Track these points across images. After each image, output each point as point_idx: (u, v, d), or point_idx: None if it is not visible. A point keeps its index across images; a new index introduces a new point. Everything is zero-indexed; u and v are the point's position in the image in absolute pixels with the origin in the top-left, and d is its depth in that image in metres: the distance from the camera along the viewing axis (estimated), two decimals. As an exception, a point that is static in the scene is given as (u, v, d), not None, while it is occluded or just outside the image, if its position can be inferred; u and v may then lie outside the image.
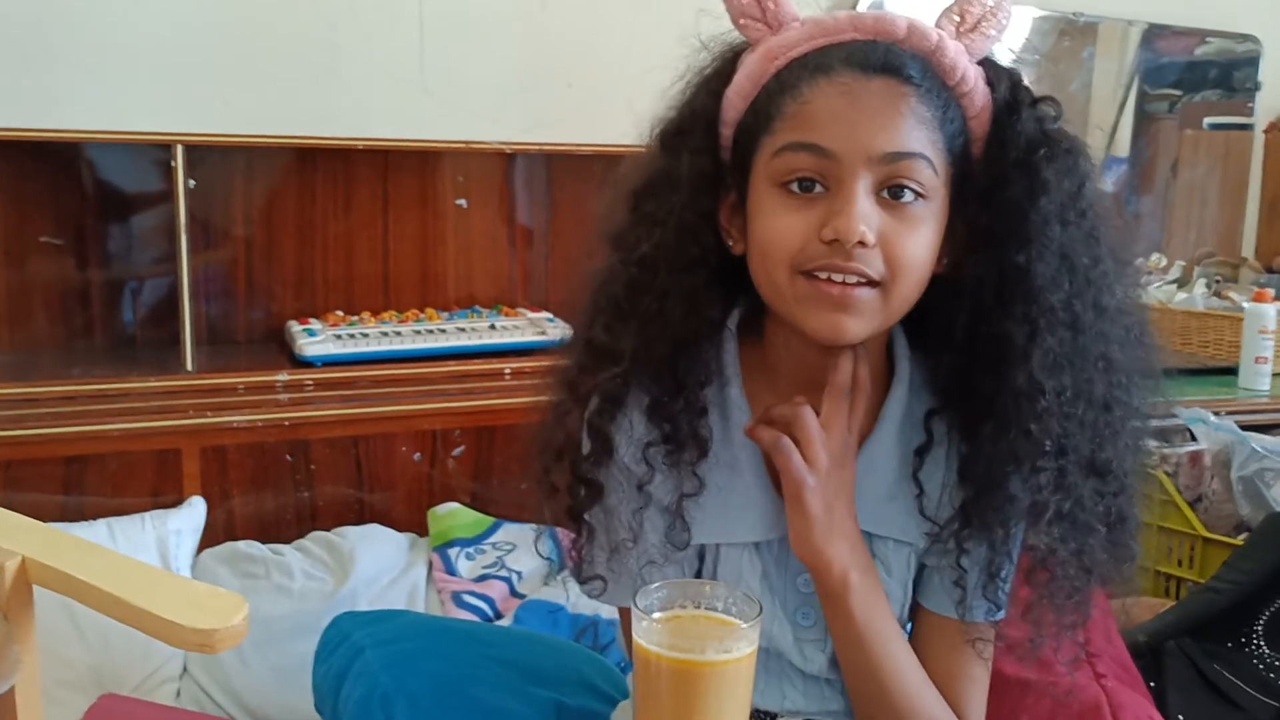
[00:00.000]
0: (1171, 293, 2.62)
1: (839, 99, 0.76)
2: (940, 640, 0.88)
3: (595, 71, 2.13)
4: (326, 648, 1.07)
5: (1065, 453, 0.78)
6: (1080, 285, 0.78)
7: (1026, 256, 0.77)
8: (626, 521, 0.84)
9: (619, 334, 0.82)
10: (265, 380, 1.76)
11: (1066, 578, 0.81)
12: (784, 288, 0.78)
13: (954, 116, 0.78)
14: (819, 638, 0.88)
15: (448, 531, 1.69)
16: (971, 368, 0.80)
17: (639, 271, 0.82)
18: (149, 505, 1.59)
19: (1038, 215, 0.77)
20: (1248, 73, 2.91)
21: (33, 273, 1.87)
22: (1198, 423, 1.70)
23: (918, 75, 0.76)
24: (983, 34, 0.80)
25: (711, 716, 0.69)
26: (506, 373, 1.88)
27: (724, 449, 0.85)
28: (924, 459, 0.85)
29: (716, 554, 0.87)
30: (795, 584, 0.88)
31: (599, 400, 0.82)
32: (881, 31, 0.78)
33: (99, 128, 1.80)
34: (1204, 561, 1.61)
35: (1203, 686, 1.25)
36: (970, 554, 0.83)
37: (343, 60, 1.99)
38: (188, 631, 0.70)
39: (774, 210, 0.78)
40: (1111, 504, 0.81)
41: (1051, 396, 0.77)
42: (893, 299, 0.78)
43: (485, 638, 1.10)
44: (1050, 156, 0.78)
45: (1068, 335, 0.78)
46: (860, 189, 0.75)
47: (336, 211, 2.04)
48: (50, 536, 0.78)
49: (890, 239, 0.76)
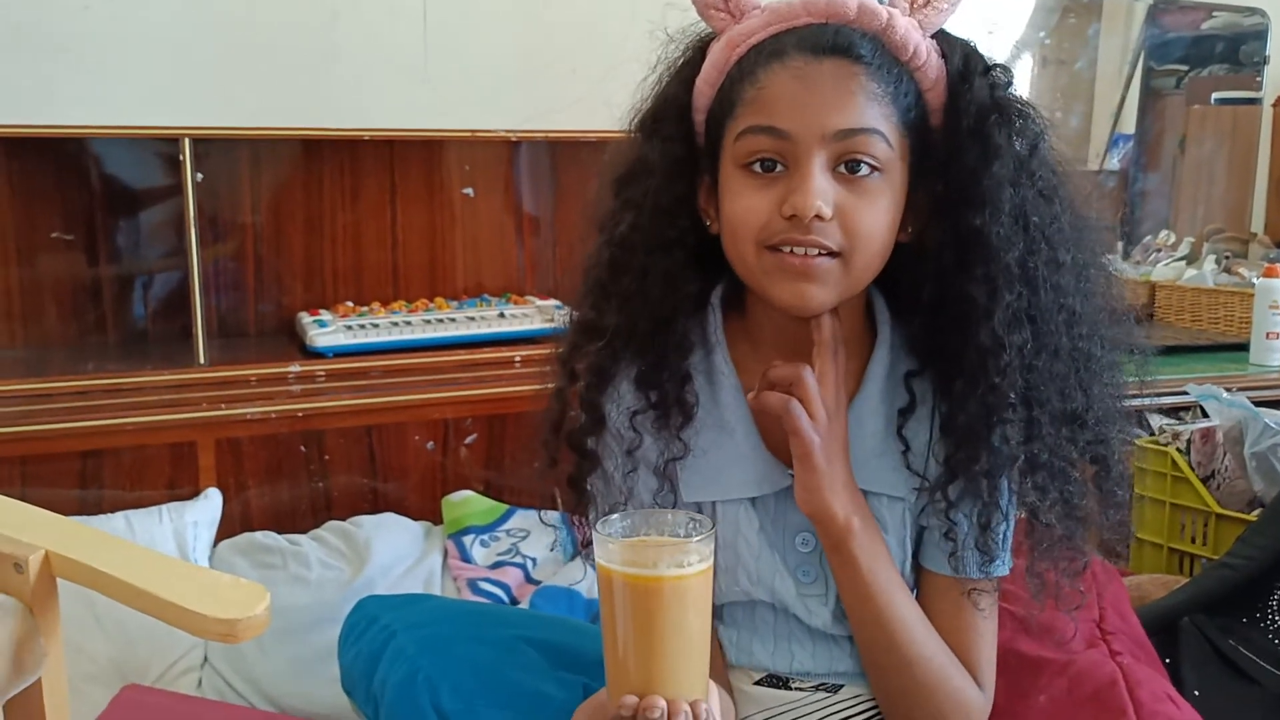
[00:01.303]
0: (1181, 269, 2.61)
1: (792, 82, 0.80)
2: (941, 597, 0.91)
3: (598, 57, 2.12)
4: (354, 630, 1.09)
5: (1033, 404, 0.82)
6: (1035, 243, 0.82)
7: (981, 219, 0.81)
8: (619, 486, 0.89)
9: (604, 312, 0.88)
10: (277, 372, 1.77)
11: (1054, 525, 0.85)
12: (751, 262, 0.83)
13: (907, 90, 0.82)
14: (821, 592, 0.90)
15: (462, 519, 1.70)
16: (940, 328, 0.85)
17: (620, 252, 0.88)
18: (165, 498, 1.60)
19: (990, 180, 0.81)
20: (1255, 47, 2.89)
21: (44, 269, 1.88)
22: (1210, 399, 1.70)
23: (868, 54, 0.80)
24: (935, 8, 0.83)
25: (670, 631, 0.72)
26: (517, 360, 1.88)
27: (711, 412, 0.90)
28: (907, 418, 0.88)
29: (713, 511, 0.90)
30: (794, 543, 0.90)
31: (589, 374, 0.88)
32: (833, 14, 0.82)
33: (106, 123, 1.80)
34: (1217, 538, 1.61)
35: (1218, 662, 1.26)
36: (958, 506, 0.86)
37: (348, 51, 1.99)
38: (211, 621, 0.71)
39: (739, 191, 0.83)
40: (1089, 450, 0.85)
41: (1014, 351, 0.81)
42: (853, 268, 0.82)
43: (513, 620, 1.14)
44: (1001, 122, 0.82)
45: (1025, 291, 0.81)
46: (815, 166, 0.79)
47: (344, 202, 2.04)
48: (72, 530, 0.78)
49: (847, 211, 0.80)
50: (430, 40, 2.04)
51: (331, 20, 1.97)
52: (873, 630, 0.87)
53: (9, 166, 1.84)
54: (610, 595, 0.73)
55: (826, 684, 0.93)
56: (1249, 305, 2.21)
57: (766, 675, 0.93)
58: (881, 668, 0.89)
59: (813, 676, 0.93)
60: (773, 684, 0.93)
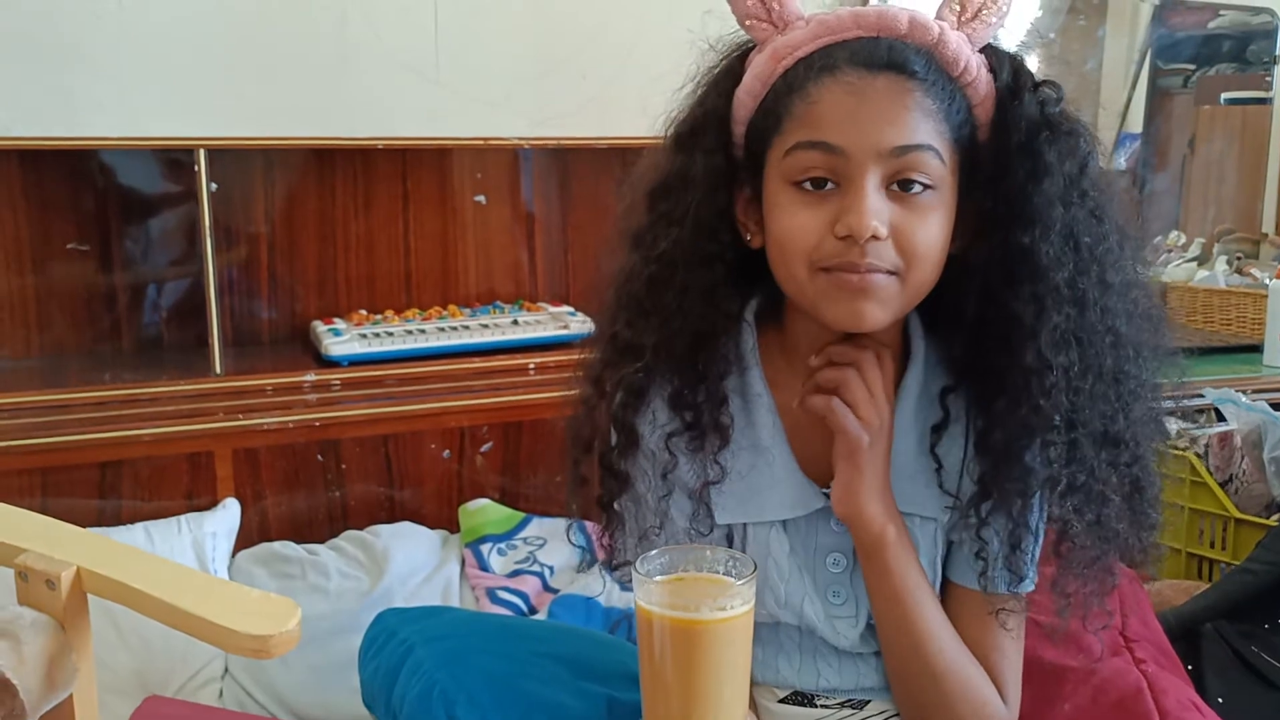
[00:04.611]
0: (1192, 270, 2.61)
1: (846, 97, 0.78)
2: (968, 613, 0.90)
3: (609, 62, 2.12)
4: (374, 645, 1.08)
5: (1076, 426, 0.81)
6: (1085, 263, 0.80)
7: (1031, 237, 0.79)
8: (654, 509, 0.87)
9: (641, 330, 0.86)
10: (293, 381, 1.77)
11: (1086, 546, 0.83)
12: (804, 283, 0.81)
13: (959, 106, 0.81)
14: (851, 614, 0.90)
15: (479, 528, 1.70)
16: (983, 345, 0.83)
17: (659, 269, 0.85)
18: (184, 508, 1.61)
19: (1040, 197, 0.79)
20: (1264, 46, 2.88)
21: (59, 278, 1.88)
22: (1227, 403, 1.70)
23: (921, 69, 0.79)
24: (984, 22, 0.82)
25: (710, 673, 0.71)
26: (531, 367, 1.88)
27: (746, 433, 0.88)
28: (941, 435, 0.87)
29: (744, 533, 0.89)
30: (825, 563, 0.90)
31: (623, 394, 0.86)
32: (884, 28, 0.80)
33: (119, 134, 1.80)
34: (1236, 543, 1.61)
35: (1241, 669, 1.25)
36: (990, 526, 0.85)
37: (359, 59, 1.99)
38: (243, 638, 0.71)
39: (788, 208, 0.81)
40: (1126, 474, 0.84)
41: (1059, 372, 0.79)
42: (910, 286, 0.80)
43: (534, 633, 1.12)
44: (1051, 140, 0.81)
45: (1074, 312, 0.80)
46: (870, 184, 0.77)
47: (357, 210, 2.04)
48: (101, 545, 0.78)
49: (902, 230, 0.78)
50: (441, 47, 2.04)
51: (343, 28, 1.98)
52: (902, 639, 0.87)
53: (24, 177, 1.84)
54: (650, 636, 0.72)
55: (853, 700, 0.92)
56: (1261, 306, 2.21)
57: (792, 692, 0.93)
58: (909, 678, 0.88)
59: (839, 693, 0.92)
60: (798, 701, 0.93)
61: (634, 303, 0.87)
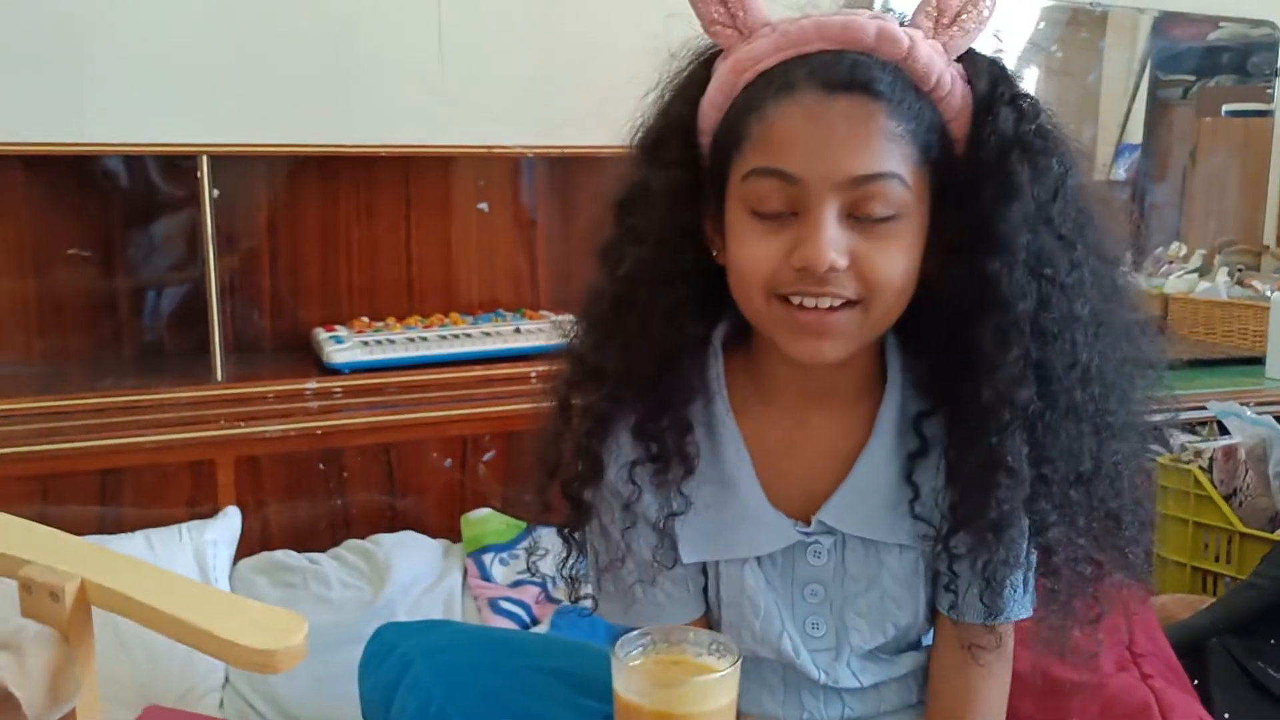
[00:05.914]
0: (1193, 282, 2.61)
1: (802, 122, 0.73)
2: (945, 640, 0.88)
3: (612, 71, 2.12)
4: (373, 659, 1.08)
5: (1041, 463, 0.77)
6: (1052, 295, 0.76)
7: (994, 265, 0.75)
8: (617, 541, 0.84)
9: (605, 353, 0.81)
10: (295, 389, 1.76)
11: (1071, 577, 0.80)
12: (762, 312, 0.77)
13: (929, 125, 0.75)
14: (830, 646, 0.87)
15: (481, 537, 1.69)
16: (952, 373, 0.79)
17: (623, 288, 0.81)
18: (185, 516, 1.60)
19: (1005, 223, 0.75)
20: (1265, 58, 2.89)
21: (61, 284, 1.88)
22: (1231, 416, 1.69)
23: (887, 88, 0.73)
24: (962, 28, 0.76)
25: None
26: (533, 376, 1.86)
27: (712, 464, 0.84)
28: (917, 462, 0.83)
29: (717, 569, 0.87)
30: (803, 595, 0.87)
31: (589, 421, 0.82)
32: (849, 40, 0.75)
33: (122, 140, 1.80)
34: (1241, 557, 1.61)
35: (1247, 684, 1.25)
36: (963, 558, 0.82)
37: (363, 67, 1.99)
38: (249, 652, 0.71)
39: (745, 235, 0.77)
40: (1101, 509, 0.80)
41: (1018, 409, 0.75)
42: (872, 315, 0.76)
43: (533, 647, 1.11)
44: (1023, 158, 0.75)
45: (1035, 346, 0.75)
46: (828, 215, 0.73)
47: (359, 217, 2.04)
48: (105, 558, 0.78)
49: (863, 258, 0.74)
50: (445, 54, 2.04)
51: (347, 36, 1.98)
52: None
53: (27, 183, 1.84)
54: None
55: None
56: (1263, 318, 2.21)
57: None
58: None
59: None
60: None
61: (599, 323, 0.83)
